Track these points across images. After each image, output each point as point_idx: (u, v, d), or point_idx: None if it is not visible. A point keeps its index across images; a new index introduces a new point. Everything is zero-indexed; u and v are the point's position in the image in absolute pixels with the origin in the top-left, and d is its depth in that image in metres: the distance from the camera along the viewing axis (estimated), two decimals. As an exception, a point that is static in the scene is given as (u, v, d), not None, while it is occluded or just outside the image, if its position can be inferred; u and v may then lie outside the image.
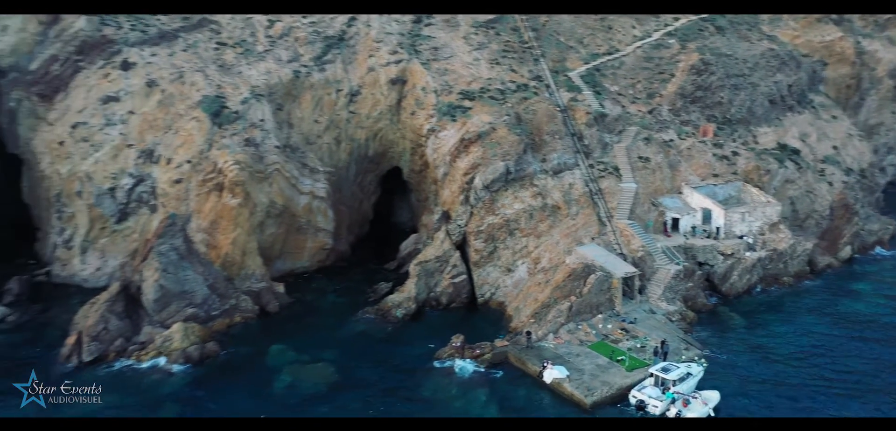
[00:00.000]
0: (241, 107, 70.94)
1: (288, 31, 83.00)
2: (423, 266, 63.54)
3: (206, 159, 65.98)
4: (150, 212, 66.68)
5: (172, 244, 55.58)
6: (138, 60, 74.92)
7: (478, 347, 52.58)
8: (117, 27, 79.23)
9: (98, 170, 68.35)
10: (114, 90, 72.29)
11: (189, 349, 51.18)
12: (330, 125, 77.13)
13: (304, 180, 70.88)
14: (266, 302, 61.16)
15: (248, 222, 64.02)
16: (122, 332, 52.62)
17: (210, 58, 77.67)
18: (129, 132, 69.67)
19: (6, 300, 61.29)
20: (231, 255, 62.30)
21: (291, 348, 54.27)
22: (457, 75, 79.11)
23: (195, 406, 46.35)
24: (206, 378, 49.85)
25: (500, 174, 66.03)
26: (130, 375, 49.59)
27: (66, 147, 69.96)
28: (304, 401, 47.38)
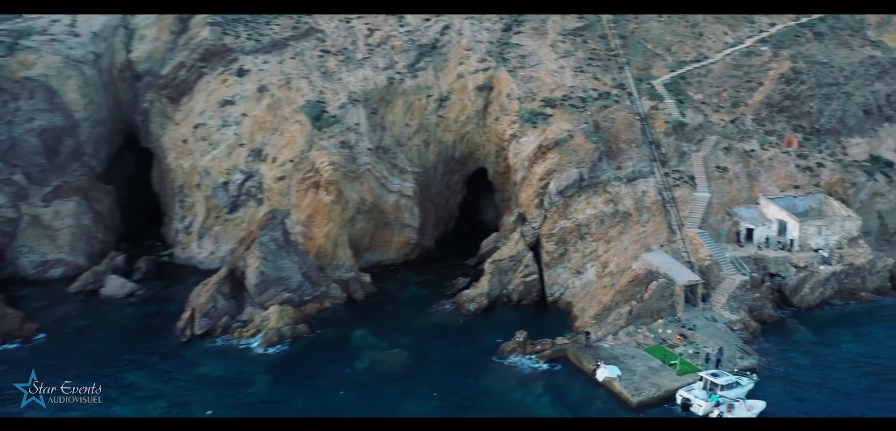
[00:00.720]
0: (338, 112, 77.94)
1: (385, 39, 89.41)
2: (497, 264, 68.14)
3: (306, 159, 73.37)
4: (256, 204, 74.94)
5: (272, 235, 62.91)
6: (252, 67, 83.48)
7: (539, 343, 56.67)
8: (236, 36, 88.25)
9: (214, 166, 77.32)
10: (230, 94, 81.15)
11: (283, 329, 58.20)
12: (419, 128, 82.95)
13: (394, 180, 77.00)
14: (353, 291, 67.68)
15: (341, 217, 70.84)
16: (227, 311, 60.44)
17: (314, 65, 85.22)
18: (241, 132, 78.22)
19: (136, 277, 70.98)
20: (324, 247, 69.33)
21: (372, 333, 60.33)
22: (541, 82, 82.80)
23: (283, 381, 53.06)
24: (295, 356, 56.65)
25: (573, 181, 69.49)
26: (231, 349, 57.15)
27: (189, 144, 79.44)
28: (377, 381, 53.14)
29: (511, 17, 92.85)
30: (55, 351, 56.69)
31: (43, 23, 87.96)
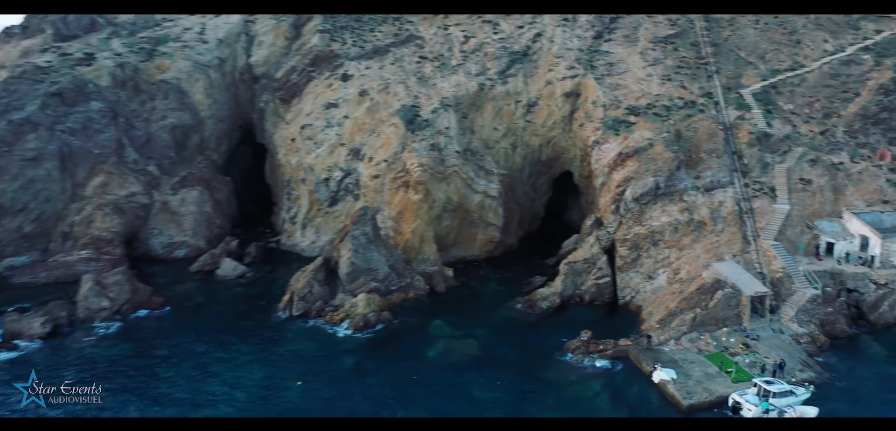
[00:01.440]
0: (431, 116, 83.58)
1: (479, 46, 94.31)
2: (571, 266, 71.71)
3: (399, 160, 79.50)
4: (353, 199, 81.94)
5: (363, 230, 69.40)
6: (355, 73, 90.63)
7: (602, 343, 60.00)
8: (342, 43, 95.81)
9: (318, 163, 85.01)
10: (334, 98, 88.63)
11: (369, 315, 64.48)
12: (507, 132, 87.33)
13: (480, 181, 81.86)
14: (436, 283, 73.21)
15: (427, 215, 76.50)
16: (321, 296, 67.45)
17: (412, 70, 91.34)
18: (343, 133, 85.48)
19: (246, 260, 79.64)
20: (411, 242, 75.26)
21: (449, 323, 65.53)
22: (627, 90, 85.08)
23: (365, 361, 59.14)
24: (377, 340, 62.73)
25: (649, 189, 71.84)
26: (322, 330, 63.96)
27: (296, 143, 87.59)
28: (448, 368, 58.19)
29: (602, 24, 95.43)
30: (177, 322, 65.59)
31: (177, 31, 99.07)
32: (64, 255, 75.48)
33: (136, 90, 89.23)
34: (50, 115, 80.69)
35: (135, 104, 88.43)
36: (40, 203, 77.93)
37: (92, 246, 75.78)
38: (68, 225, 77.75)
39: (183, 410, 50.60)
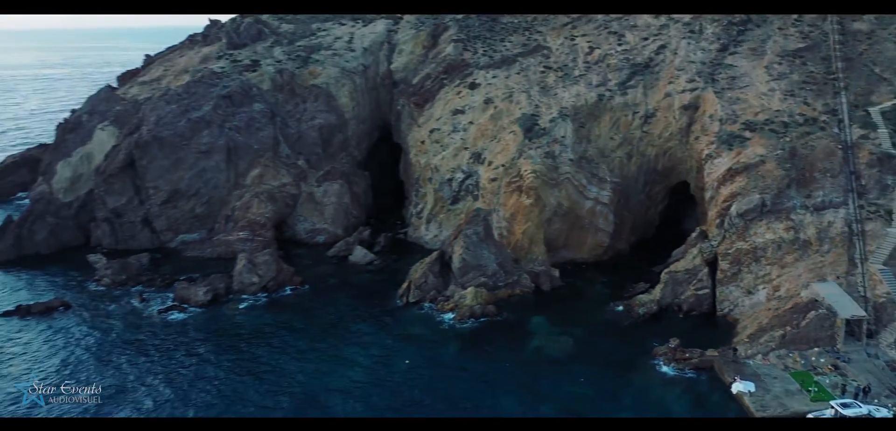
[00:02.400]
0: (548, 125, 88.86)
1: (603, 57, 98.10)
2: (672, 275, 74.64)
3: (514, 166, 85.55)
4: (473, 200, 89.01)
5: (475, 230, 76.39)
6: (482, 81, 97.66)
7: (689, 352, 63.10)
8: (473, 52, 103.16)
9: (443, 165, 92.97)
10: (461, 105, 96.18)
11: (475, 307, 71.43)
12: (623, 141, 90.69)
13: (592, 188, 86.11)
14: (542, 282, 78.77)
15: (538, 218, 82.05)
16: (435, 286, 75.27)
17: (536, 80, 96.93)
18: (467, 138, 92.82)
19: (376, 249, 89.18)
20: (521, 242, 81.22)
21: (548, 321, 71.11)
22: (746, 105, 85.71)
23: (467, 348, 66.10)
24: (480, 330, 69.48)
25: (754, 205, 73.11)
26: (433, 317, 71.66)
27: (426, 145, 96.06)
28: (541, 361, 63.83)
29: (729, 36, 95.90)
30: (312, 300, 75.98)
31: (329, 40, 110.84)
32: (226, 235, 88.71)
33: (291, 93, 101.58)
34: (220, 114, 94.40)
35: (290, 106, 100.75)
36: (209, 189, 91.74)
37: (248, 228, 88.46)
38: (230, 210, 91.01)
39: (308, 377, 59.92)
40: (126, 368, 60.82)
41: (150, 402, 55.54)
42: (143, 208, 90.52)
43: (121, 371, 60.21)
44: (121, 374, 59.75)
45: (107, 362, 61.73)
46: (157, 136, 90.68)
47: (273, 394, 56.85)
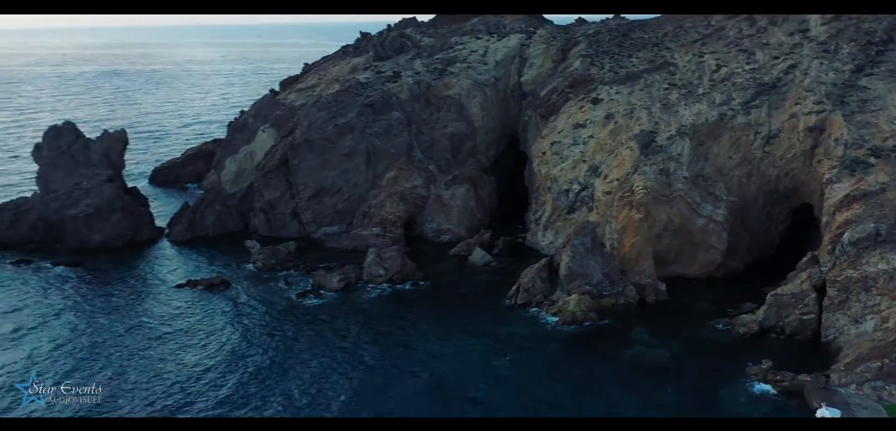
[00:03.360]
0: (665, 143, 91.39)
1: (729, 75, 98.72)
2: (777, 297, 75.38)
3: (629, 181, 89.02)
4: (587, 211, 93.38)
5: (582, 240, 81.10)
6: (605, 97, 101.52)
7: (780, 374, 64.56)
8: (600, 68, 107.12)
9: (561, 176, 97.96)
10: (583, 119, 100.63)
11: (577, 313, 76.32)
12: (743, 161, 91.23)
13: (705, 206, 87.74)
14: (647, 295, 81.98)
15: (647, 233, 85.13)
16: (542, 290, 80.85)
17: (658, 97, 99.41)
18: (586, 152, 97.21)
19: (494, 251, 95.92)
20: (629, 255, 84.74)
21: (648, 332, 74.55)
22: (875, 130, 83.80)
23: (565, 351, 71.26)
24: (580, 335, 74.24)
25: (867, 234, 72.27)
26: (537, 319, 77.28)
27: (547, 156, 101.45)
28: (634, 370, 67.60)
29: (866, 56, 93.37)
30: (431, 294, 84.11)
31: (464, 53, 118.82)
32: (361, 230, 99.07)
33: (427, 103, 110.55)
34: (363, 121, 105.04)
35: (425, 114, 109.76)
36: (350, 188, 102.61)
37: (381, 225, 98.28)
38: (367, 207, 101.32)
39: (418, 364, 67.70)
40: (267, 342, 71.73)
41: (290, 372, 65.66)
42: (293, 202, 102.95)
43: (263, 344, 71.16)
44: (262, 346, 70.67)
45: (252, 334, 73.03)
46: (308, 139, 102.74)
47: (376, 375, 65.24)
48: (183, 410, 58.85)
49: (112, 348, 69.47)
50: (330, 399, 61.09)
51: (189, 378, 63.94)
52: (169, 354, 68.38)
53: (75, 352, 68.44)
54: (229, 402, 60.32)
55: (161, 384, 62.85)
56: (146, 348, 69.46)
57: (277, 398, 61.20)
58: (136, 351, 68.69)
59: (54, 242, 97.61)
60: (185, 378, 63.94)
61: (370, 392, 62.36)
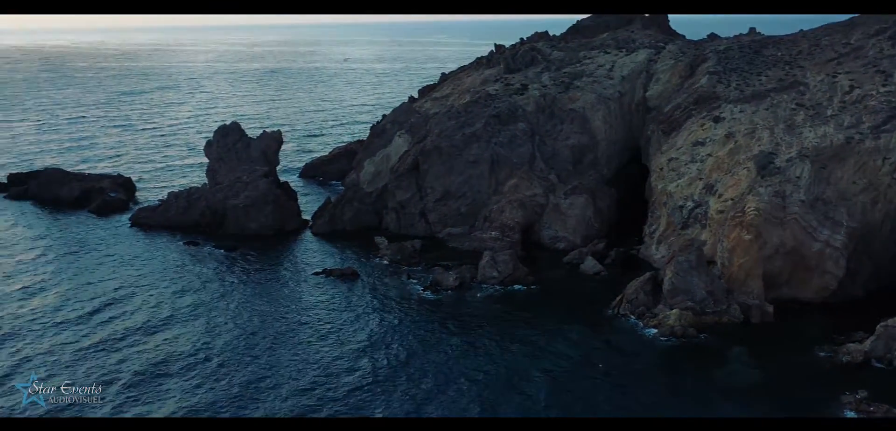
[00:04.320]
0: (784, 165, 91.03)
1: (861, 98, 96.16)
2: (888, 328, 74.02)
3: (742, 201, 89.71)
4: (700, 228, 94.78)
5: (687, 257, 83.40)
6: (727, 115, 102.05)
7: (873, 405, 64.45)
8: (726, 85, 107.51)
9: (677, 191, 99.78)
10: (703, 137, 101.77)
11: (676, 327, 78.94)
12: (868, 186, 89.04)
13: (823, 230, 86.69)
14: (752, 315, 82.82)
15: (757, 254, 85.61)
16: (644, 303, 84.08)
17: (783, 117, 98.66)
18: (702, 169, 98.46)
19: (606, 262, 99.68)
20: (736, 275, 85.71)
21: (746, 352, 75.91)
22: None
23: (658, 362, 74.45)
24: (677, 348, 76.82)
25: None
26: (635, 330, 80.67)
27: (664, 171, 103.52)
28: (723, 388, 69.38)
29: None
30: (538, 298, 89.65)
31: (592, 67, 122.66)
32: (481, 233, 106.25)
33: (551, 115, 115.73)
34: (488, 131, 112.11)
35: (548, 126, 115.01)
36: (473, 193, 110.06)
37: (499, 229, 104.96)
38: (488, 212, 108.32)
39: (513, 359, 73.86)
40: (382, 330, 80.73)
41: (403, 356, 74.12)
42: (422, 203, 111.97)
43: (379, 332, 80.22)
44: (378, 333, 79.70)
45: (372, 323, 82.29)
46: (437, 146, 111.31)
47: (478, 369, 71.88)
48: (317, 391, 67.28)
49: (260, 326, 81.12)
50: (422, 391, 67.35)
51: (320, 362, 73.38)
52: (306, 337, 78.30)
53: (237, 327, 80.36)
54: (352, 385, 69.30)
55: (299, 365, 72.59)
56: (288, 332, 79.89)
57: (385, 383, 69.46)
58: (281, 333, 79.46)
59: (217, 227, 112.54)
60: (320, 361, 73.38)
61: (455, 388, 68.14)
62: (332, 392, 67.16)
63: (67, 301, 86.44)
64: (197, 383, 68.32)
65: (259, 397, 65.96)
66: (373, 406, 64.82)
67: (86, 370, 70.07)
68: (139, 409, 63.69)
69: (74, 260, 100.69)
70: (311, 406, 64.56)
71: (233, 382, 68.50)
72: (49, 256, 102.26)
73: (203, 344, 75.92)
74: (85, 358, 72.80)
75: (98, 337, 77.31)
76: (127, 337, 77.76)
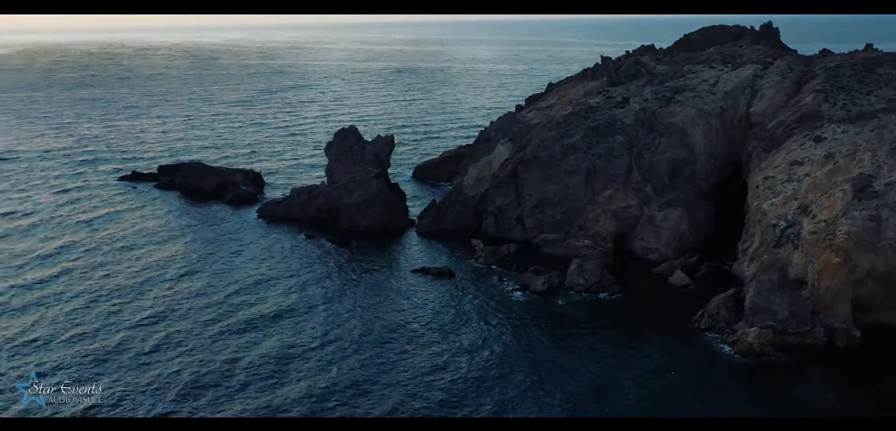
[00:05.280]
0: (883, 189, 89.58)
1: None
2: (978, 364, 72.57)
3: (834, 224, 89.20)
4: (792, 248, 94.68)
5: (769, 277, 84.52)
6: (829, 136, 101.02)
7: (949, 438, 64.20)
8: (832, 104, 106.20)
9: (771, 210, 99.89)
10: (801, 156, 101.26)
11: (754, 345, 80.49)
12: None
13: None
14: (837, 339, 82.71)
15: (846, 278, 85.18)
16: (725, 319, 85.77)
17: (889, 140, 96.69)
18: (798, 190, 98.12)
19: (696, 275, 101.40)
20: (823, 298, 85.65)
21: (824, 375, 76.31)
22: None
23: (733, 378, 76.49)
24: (753, 367, 78.26)
25: None
26: (713, 344, 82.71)
27: (760, 189, 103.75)
28: (794, 408, 71.24)
29: None
30: (622, 306, 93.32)
31: (695, 82, 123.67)
32: (574, 240, 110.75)
33: (650, 129, 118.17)
34: (587, 142, 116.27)
35: (647, 139, 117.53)
36: (569, 202, 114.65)
37: (592, 238, 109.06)
38: (582, 220, 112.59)
39: (590, 365, 78.54)
40: (475, 328, 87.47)
41: (487, 354, 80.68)
42: (519, 209, 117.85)
43: (470, 330, 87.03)
44: (469, 331, 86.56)
45: (464, 321, 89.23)
46: (536, 156, 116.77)
47: (560, 375, 77.08)
48: (409, 387, 74.31)
49: (359, 316, 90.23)
50: (494, 387, 72.94)
51: (411, 356, 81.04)
52: (399, 332, 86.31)
53: (343, 317, 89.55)
54: (444, 381, 76.71)
55: (393, 357, 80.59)
56: (383, 324, 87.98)
57: (464, 377, 76.23)
58: (376, 323, 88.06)
59: (332, 223, 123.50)
60: (410, 356, 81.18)
61: (529, 388, 73.15)
62: (423, 389, 73.92)
63: (209, 286, 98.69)
64: (311, 367, 76.74)
65: (366, 386, 73.51)
66: (463, 402, 70.42)
67: (219, 347, 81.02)
68: (261, 386, 73.93)
69: (212, 249, 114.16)
70: (406, 399, 71.34)
71: (342, 369, 76.44)
72: (191, 245, 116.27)
73: (315, 334, 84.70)
74: (219, 336, 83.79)
75: (231, 321, 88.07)
76: (253, 321, 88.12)
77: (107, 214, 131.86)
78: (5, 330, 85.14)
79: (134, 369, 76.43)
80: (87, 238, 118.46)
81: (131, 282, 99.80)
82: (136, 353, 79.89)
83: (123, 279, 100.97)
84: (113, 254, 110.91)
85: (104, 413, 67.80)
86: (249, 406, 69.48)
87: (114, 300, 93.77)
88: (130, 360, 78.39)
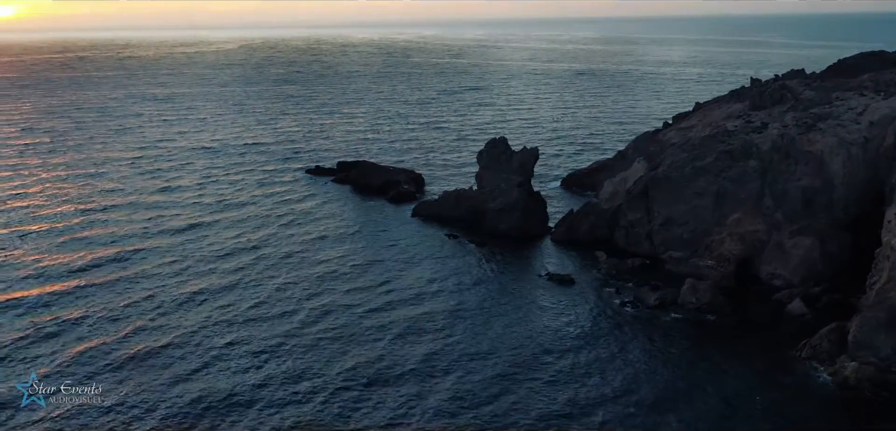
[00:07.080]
0: None
1: None
2: None
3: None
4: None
5: (876, 315, 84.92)
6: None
7: None
8: None
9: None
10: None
11: (850, 378, 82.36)
12: None
13: None
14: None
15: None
16: (827, 352, 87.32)
17: None
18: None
19: (817, 305, 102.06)
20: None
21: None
22: None
23: (825, 409, 79.09)
24: (848, 400, 79.87)
25: None
26: (809, 373, 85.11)
27: (892, 224, 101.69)
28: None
29: None
30: (723, 331, 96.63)
31: (841, 110, 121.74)
32: (698, 260, 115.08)
33: (786, 155, 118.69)
34: (718, 165, 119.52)
35: (782, 166, 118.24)
36: (696, 222, 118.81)
37: (715, 259, 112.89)
38: (708, 241, 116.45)
39: (676, 384, 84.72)
40: (581, 333, 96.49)
41: (588, 359, 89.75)
42: (649, 225, 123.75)
43: (576, 334, 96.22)
44: (575, 335, 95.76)
45: (573, 326, 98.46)
46: (667, 176, 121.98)
47: (636, 386, 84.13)
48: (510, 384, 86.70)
49: (481, 310, 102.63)
50: (580, 400, 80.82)
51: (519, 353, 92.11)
52: (515, 329, 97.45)
53: (469, 310, 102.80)
54: (540, 380, 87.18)
55: (505, 353, 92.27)
56: (502, 322, 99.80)
57: (568, 384, 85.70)
58: (495, 319, 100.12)
59: (476, 225, 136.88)
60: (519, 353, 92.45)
61: (599, 399, 79.58)
62: (520, 385, 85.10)
63: (362, 274, 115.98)
64: (435, 349, 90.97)
65: (472, 366, 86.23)
66: (554, 399, 79.84)
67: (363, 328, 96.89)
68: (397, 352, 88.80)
69: (371, 240, 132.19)
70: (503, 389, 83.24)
71: (463, 354, 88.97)
72: (355, 235, 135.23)
73: (444, 323, 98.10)
74: (362, 319, 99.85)
75: (372, 306, 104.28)
76: (393, 301, 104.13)
77: (286, 203, 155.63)
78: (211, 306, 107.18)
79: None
80: (273, 229, 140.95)
81: (295, 266, 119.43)
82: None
83: (290, 270, 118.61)
84: (289, 243, 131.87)
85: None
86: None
87: (288, 288, 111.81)
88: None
